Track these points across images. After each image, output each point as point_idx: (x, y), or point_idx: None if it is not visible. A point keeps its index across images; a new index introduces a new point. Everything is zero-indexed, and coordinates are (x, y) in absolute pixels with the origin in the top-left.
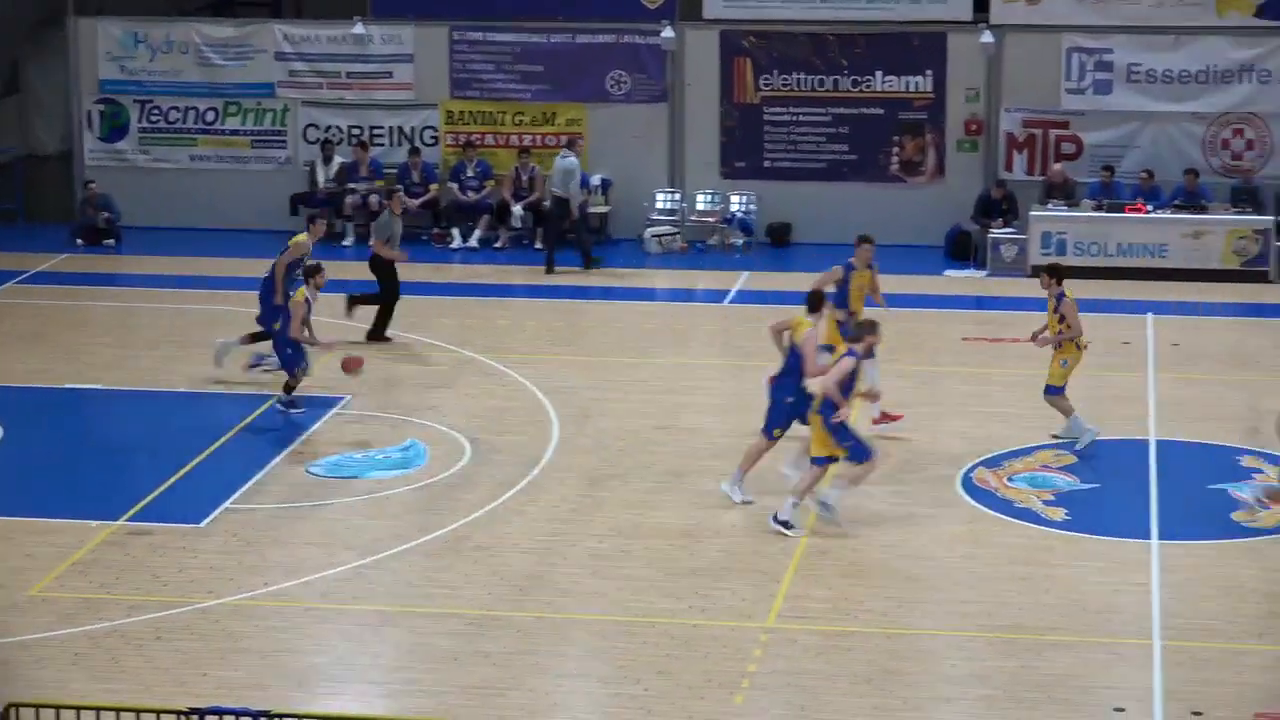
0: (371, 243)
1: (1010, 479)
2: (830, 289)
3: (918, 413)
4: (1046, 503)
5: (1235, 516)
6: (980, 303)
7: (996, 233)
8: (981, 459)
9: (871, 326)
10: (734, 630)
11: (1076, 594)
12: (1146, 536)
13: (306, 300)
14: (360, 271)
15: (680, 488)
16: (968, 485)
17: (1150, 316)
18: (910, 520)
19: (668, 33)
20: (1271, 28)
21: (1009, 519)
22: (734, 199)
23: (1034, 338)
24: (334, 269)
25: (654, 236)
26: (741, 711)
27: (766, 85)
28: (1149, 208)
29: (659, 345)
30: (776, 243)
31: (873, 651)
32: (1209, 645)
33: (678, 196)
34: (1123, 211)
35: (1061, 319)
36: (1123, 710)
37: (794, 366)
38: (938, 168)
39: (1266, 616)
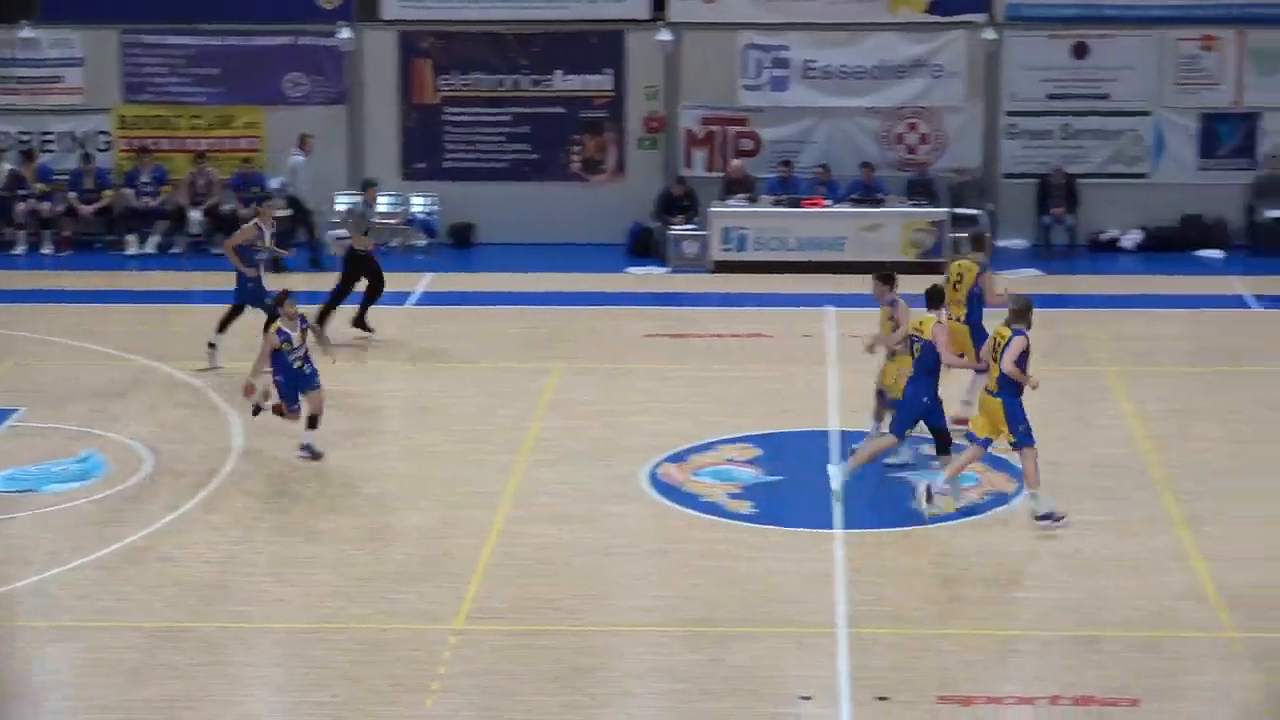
0: (350, 233)
1: (695, 473)
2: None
3: (602, 409)
4: (732, 496)
5: (915, 504)
6: (663, 299)
7: (678, 229)
8: (666, 454)
9: (1027, 305)
10: (422, 633)
11: (762, 585)
12: (830, 526)
13: (280, 331)
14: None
15: (364, 493)
16: (653, 481)
17: (830, 309)
18: (596, 517)
19: (345, 34)
20: (942, 23)
21: (695, 513)
22: (415, 200)
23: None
24: (4, 279)
25: (336, 239)
26: (432, 715)
27: (446, 86)
28: (827, 202)
29: (341, 349)
30: (459, 244)
31: (561, 650)
32: (893, 631)
33: (358, 198)
34: (801, 206)
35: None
36: (809, 699)
37: (931, 366)
38: (619, 166)
39: (947, 601)
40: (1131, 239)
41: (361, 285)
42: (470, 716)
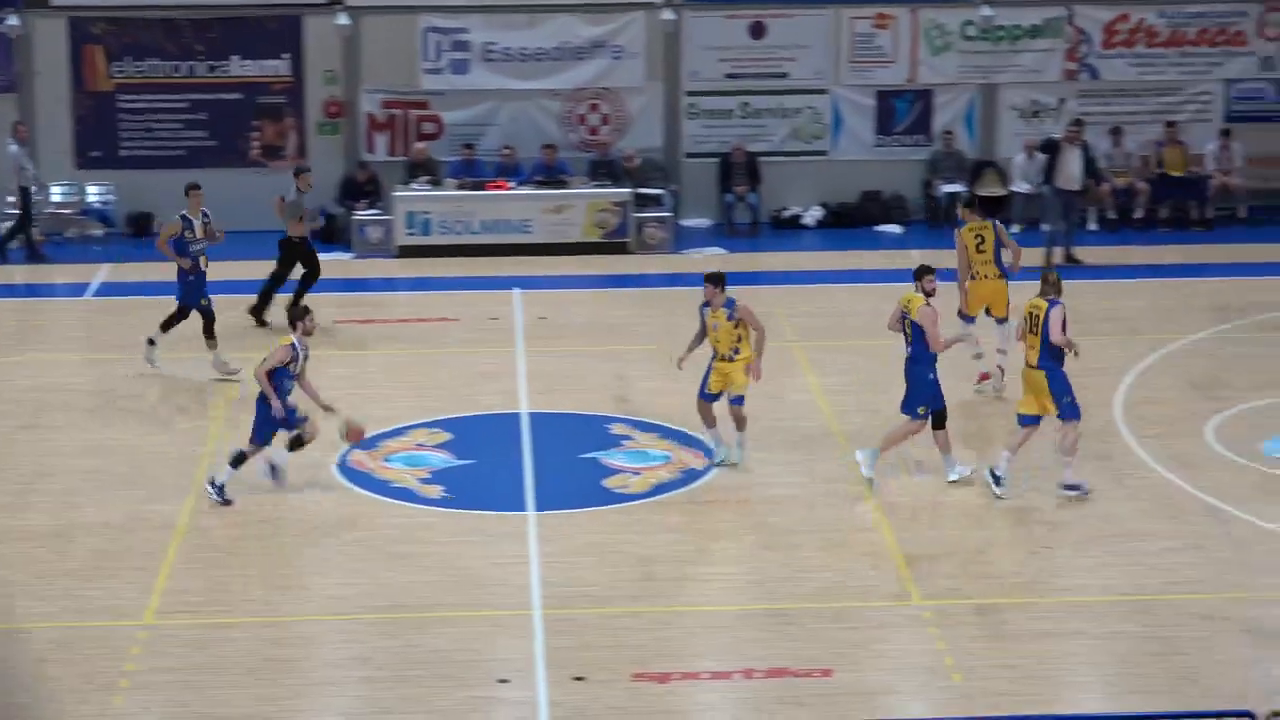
0: (285, 220)
1: (386, 459)
2: None
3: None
4: (423, 481)
5: (607, 484)
6: (348, 285)
7: (361, 214)
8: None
9: (1058, 276)
10: (111, 630)
11: (456, 570)
12: (523, 508)
13: (293, 345)
14: None
15: (47, 488)
16: (343, 468)
17: (517, 292)
18: (287, 506)
19: (13, 21)
20: (621, 5)
21: (386, 499)
22: (91, 189)
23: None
24: None
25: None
26: (123, 712)
27: (120, 73)
28: (511, 184)
29: (17, 342)
30: (137, 233)
31: (254, 641)
32: (588, 611)
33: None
34: (485, 189)
35: (738, 324)
36: (506, 681)
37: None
38: (299, 151)
39: (641, 580)
40: (813, 215)
41: (297, 273)
42: (163, 713)
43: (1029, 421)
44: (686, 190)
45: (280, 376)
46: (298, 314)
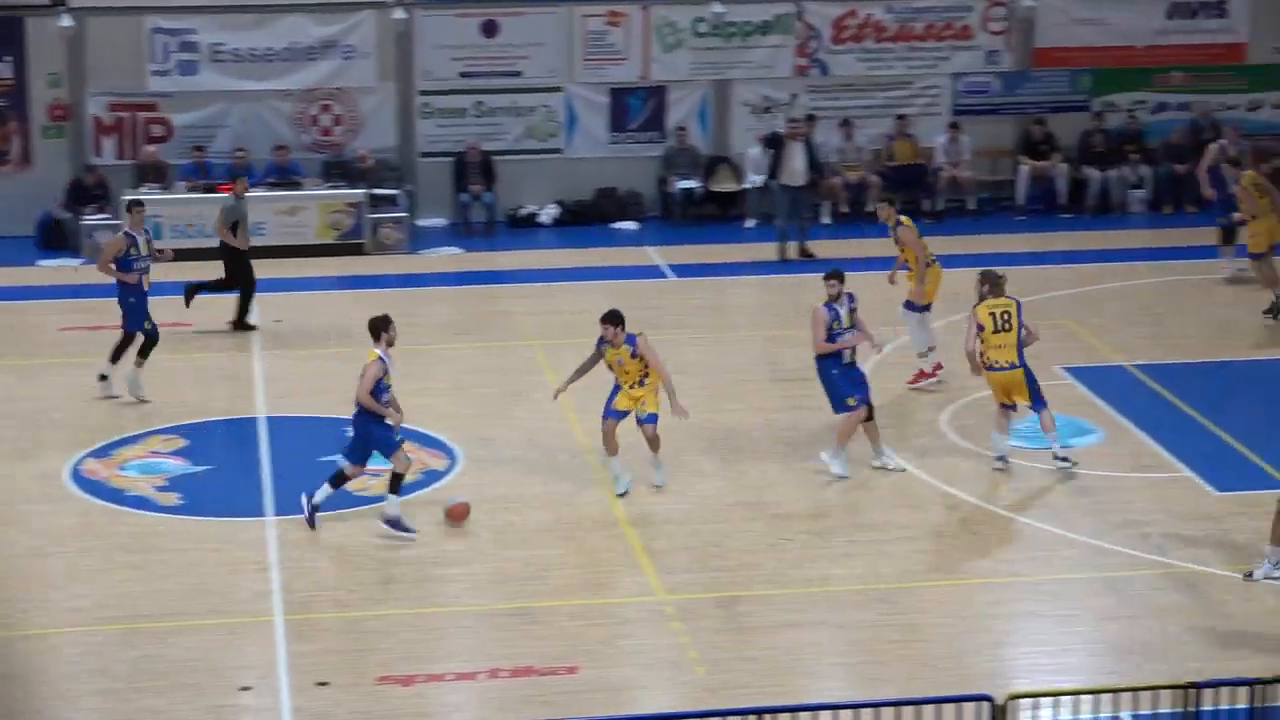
0: (215, 226)
1: (121, 468)
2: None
3: (20, 407)
4: (159, 488)
5: (346, 486)
6: (77, 291)
7: (90, 219)
8: (89, 450)
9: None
10: None
11: (195, 578)
12: (262, 514)
13: (381, 358)
14: None
15: None
16: (77, 478)
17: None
18: (20, 519)
19: None
20: (351, 4)
21: (122, 508)
22: None
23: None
24: None
25: None
26: None
27: None
28: None
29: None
30: None
31: None
32: (330, 615)
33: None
34: (216, 191)
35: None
36: (249, 689)
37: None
38: (24, 155)
39: (383, 583)
40: (549, 214)
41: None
42: None
43: (1011, 408)
44: (422, 190)
45: (379, 392)
46: (381, 324)
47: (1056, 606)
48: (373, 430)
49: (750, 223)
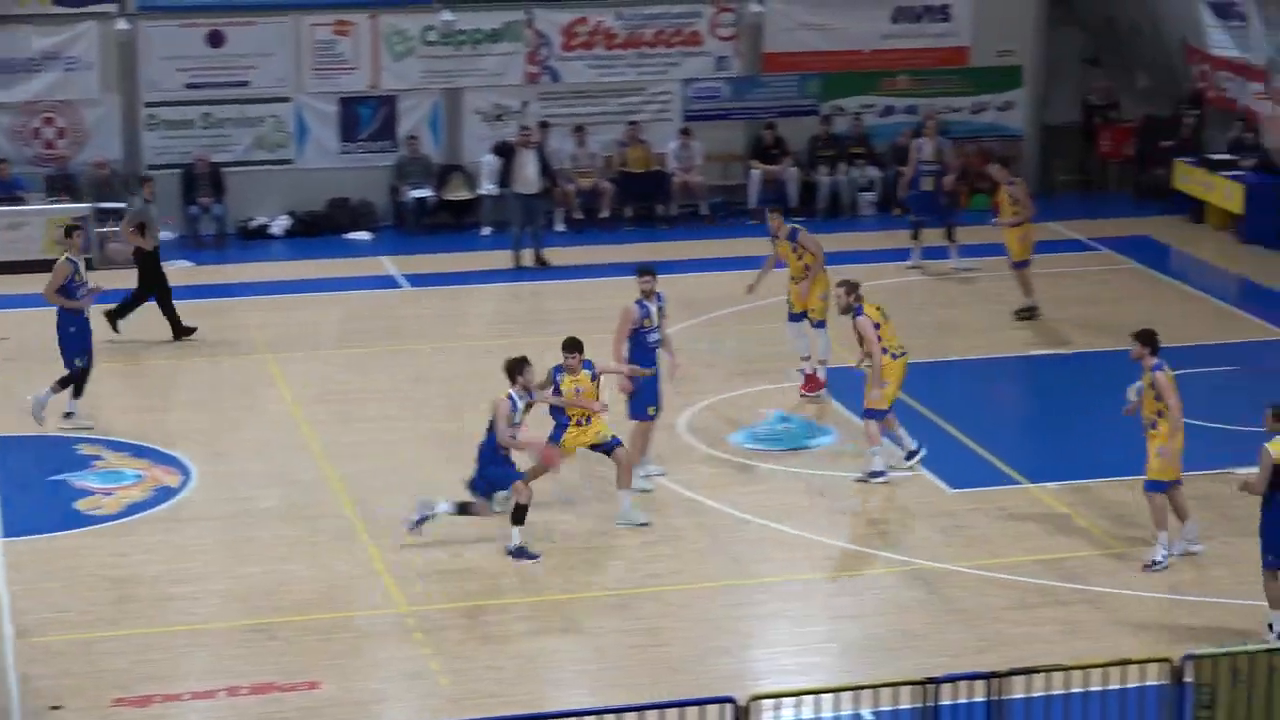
0: (121, 229)
1: None
2: None
3: None
4: None
5: (78, 506)
6: None
7: None
8: None
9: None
10: None
11: None
12: None
13: (510, 398)
14: None
15: None
16: None
17: None
18: None
19: None
20: (73, 15)
21: None
22: None
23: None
24: None
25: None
26: None
27: None
28: None
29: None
30: None
31: None
32: (64, 638)
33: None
34: None
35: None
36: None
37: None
38: None
39: (117, 602)
40: (280, 225)
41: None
42: None
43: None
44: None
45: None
46: (516, 367)
47: (797, 607)
48: (492, 470)
49: (485, 231)
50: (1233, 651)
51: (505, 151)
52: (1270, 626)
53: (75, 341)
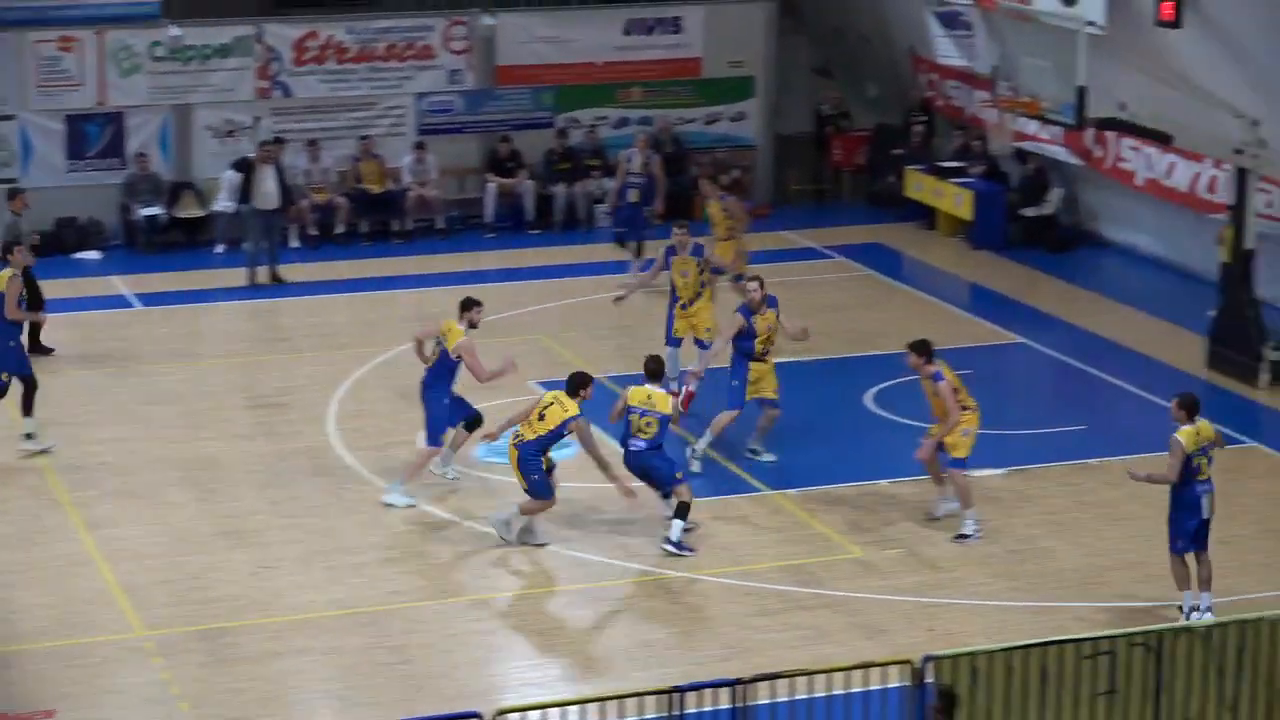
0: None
1: None
2: None
3: None
4: None
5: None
6: None
7: None
8: None
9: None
10: None
11: None
12: None
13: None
14: None
15: None
16: None
17: None
18: None
19: None
20: None
21: None
22: None
23: None
24: None
25: None
26: None
27: None
28: None
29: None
30: None
31: None
32: None
33: None
34: None
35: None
36: None
37: (448, 370)
38: None
39: None
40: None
41: None
42: None
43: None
44: None
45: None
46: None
47: (542, 620)
48: (657, 463)
49: (219, 248)
50: (972, 652)
51: (245, 167)
52: (1180, 607)
53: (13, 355)
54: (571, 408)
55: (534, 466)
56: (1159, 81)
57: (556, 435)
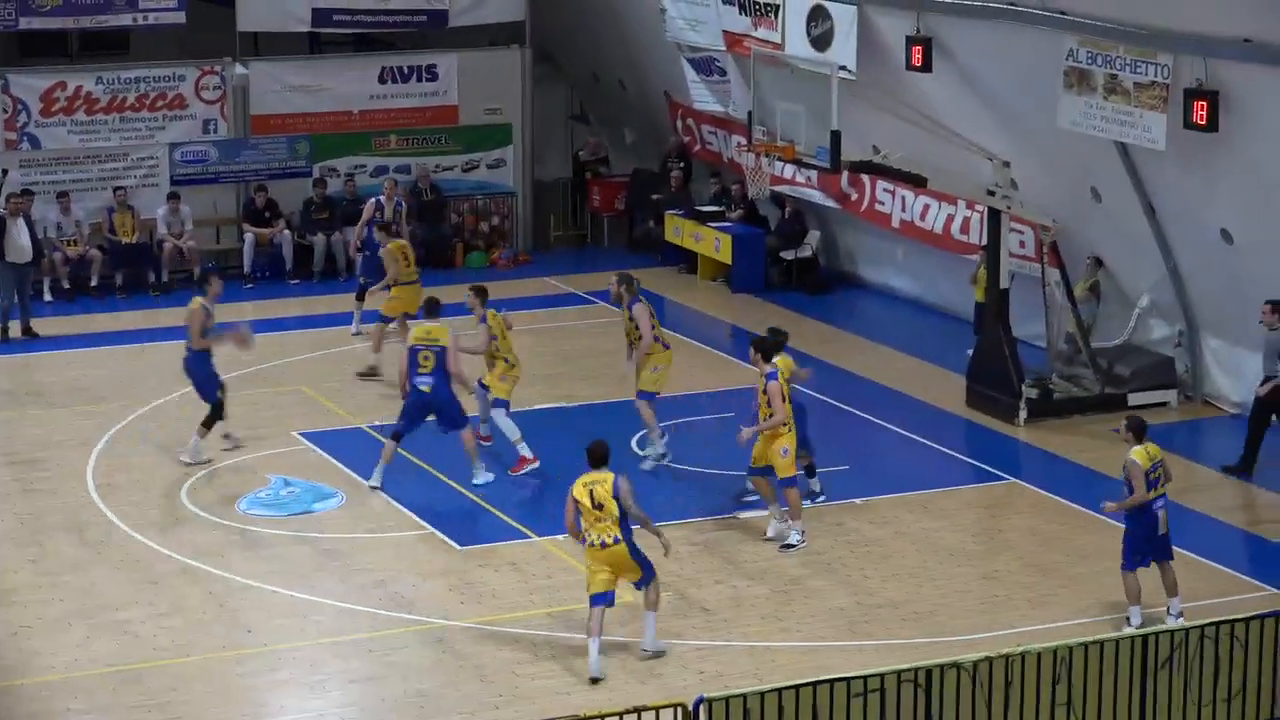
0: None
1: None
2: None
3: None
4: None
5: None
6: None
7: None
8: None
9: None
10: None
11: None
12: None
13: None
14: None
15: None
16: None
17: None
18: None
19: None
20: None
21: None
22: None
23: None
24: None
25: None
26: None
27: None
28: None
29: None
30: None
31: None
32: None
33: None
34: None
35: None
36: None
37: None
38: None
39: None
40: None
41: None
42: None
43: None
44: None
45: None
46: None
47: (310, 673)
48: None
49: None
50: (744, 693)
51: None
52: (1128, 619)
53: None
54: (606, 478)
55: (634, 549)
56: (912, 125)
57: (623, 509)
